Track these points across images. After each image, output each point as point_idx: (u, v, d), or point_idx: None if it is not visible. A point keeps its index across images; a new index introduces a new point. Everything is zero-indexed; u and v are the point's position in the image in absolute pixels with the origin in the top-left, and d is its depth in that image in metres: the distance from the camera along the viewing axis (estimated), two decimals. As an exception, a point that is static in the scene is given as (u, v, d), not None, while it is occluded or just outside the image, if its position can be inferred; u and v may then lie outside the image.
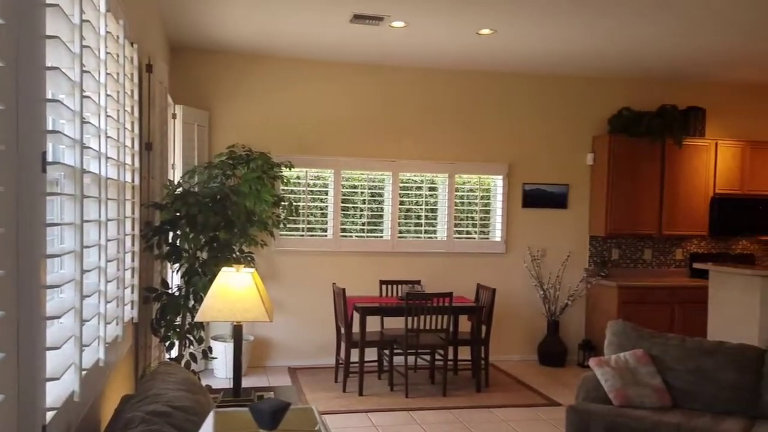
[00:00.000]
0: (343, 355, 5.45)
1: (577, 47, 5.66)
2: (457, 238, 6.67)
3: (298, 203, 6.30)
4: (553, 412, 5.03)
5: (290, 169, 6.06)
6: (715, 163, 6.77)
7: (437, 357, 5.92)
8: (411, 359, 6.31)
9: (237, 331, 3.03)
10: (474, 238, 6.72)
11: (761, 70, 6.38)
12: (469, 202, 6.72)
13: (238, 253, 5.07)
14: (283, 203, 5.98)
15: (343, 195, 6.44)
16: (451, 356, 6.10)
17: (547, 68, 6.51)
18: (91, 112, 2.00)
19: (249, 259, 5.71)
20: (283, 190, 6.23)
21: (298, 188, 6.33)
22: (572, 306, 6.85)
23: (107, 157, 2.13)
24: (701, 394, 3.52)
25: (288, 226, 6.23)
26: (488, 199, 6.77)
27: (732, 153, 6.79)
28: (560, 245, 6.89)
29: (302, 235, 6.35)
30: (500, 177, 6.74)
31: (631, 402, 3.48)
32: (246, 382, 5.58)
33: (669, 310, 6.42)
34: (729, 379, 3.49)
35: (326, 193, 6.42)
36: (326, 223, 6.42)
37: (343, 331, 5.42)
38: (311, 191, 6.39)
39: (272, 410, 1.47)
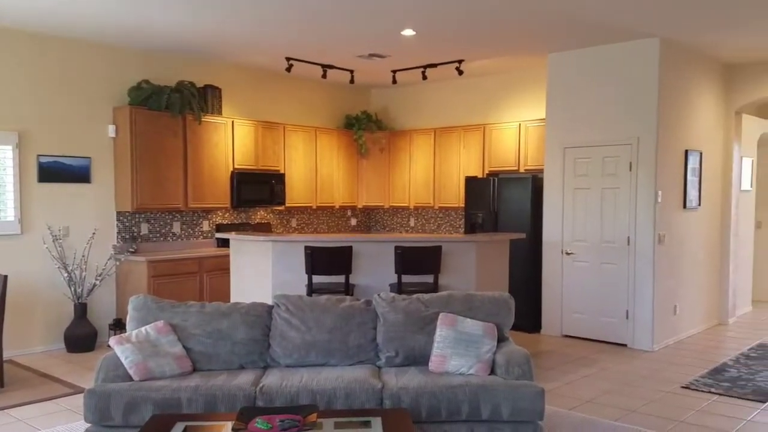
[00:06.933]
0: None
1: (85, 9, 5.29)
2: (-49, 220, 5.54)
3: None
4: (77, 399, 4.72)
5: None
6: (233, 140, 7.35)
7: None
8: None
9: None
10: (-24, 220, 5.70)
11: (268, 56, 7.17)
12: (-32, 177, 5.65)
13: None
14: None
15: None
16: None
17: (55, 28, 5.90)
18: None
19: None
20: None
21: None
22: (101, 286, 6.51)
23: None
24: (219, 354, 3.79)
25: None
26: (-6, 174, 5.82)
27: (247, 131, 7.49)
28: (85, 222, 6.44)
29: None
30: (9, 147, 5.87)
31: (152, 374, 3.50)
32: None
33: (198, 279, 6.73)
34: (242, 336, 3.84)
35: None
36: None
37: None
38: None
39: None
